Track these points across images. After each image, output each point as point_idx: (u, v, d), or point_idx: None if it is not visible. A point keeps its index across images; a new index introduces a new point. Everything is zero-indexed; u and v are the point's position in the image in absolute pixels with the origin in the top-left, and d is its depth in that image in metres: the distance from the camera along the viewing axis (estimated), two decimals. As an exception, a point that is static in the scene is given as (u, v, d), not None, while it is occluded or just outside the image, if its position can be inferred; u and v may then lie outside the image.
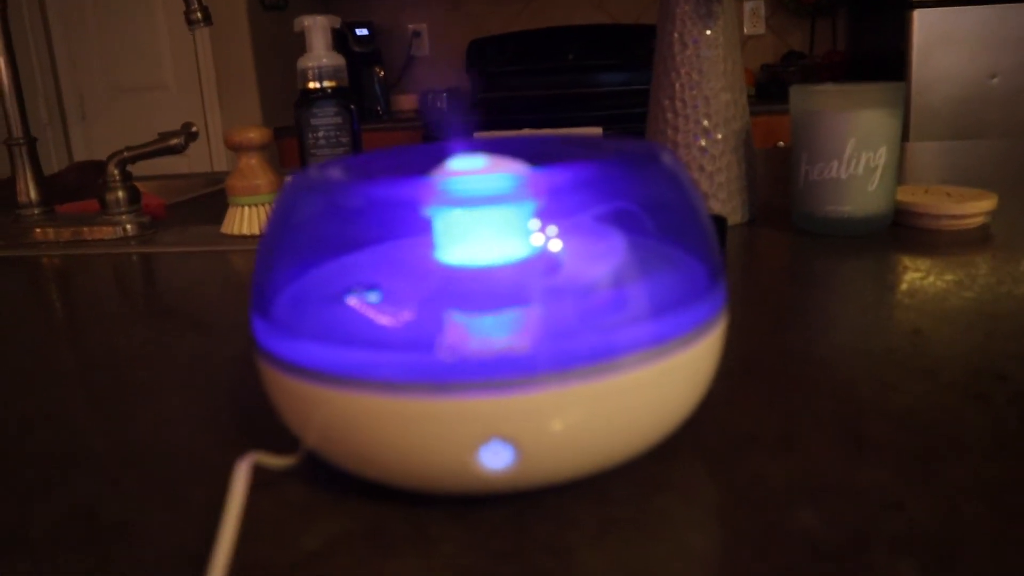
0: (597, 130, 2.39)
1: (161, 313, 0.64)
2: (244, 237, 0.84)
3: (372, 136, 2.58)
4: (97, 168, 1.43)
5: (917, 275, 0.57)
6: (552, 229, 0.28)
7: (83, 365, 0.50)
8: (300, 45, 0.82)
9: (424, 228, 0.30)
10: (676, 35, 0.70)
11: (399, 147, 0.38)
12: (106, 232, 0.90)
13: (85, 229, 0.91)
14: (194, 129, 0.95)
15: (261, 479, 0.33)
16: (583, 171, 0.28)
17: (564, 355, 0.26)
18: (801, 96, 0.68)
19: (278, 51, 2.85)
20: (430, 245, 0.30)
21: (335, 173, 0.32)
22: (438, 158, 0.33)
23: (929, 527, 0.28)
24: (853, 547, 0.27)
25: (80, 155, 2.80)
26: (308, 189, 0.30)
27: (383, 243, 0.30)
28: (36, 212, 0.98)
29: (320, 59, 0.80)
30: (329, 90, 0.80)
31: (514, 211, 0.29)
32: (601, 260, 0.28)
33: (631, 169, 0.30)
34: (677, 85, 0.71)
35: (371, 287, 0.29)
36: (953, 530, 0.27)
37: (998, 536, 0.27)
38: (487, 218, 0.29)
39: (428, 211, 0.29)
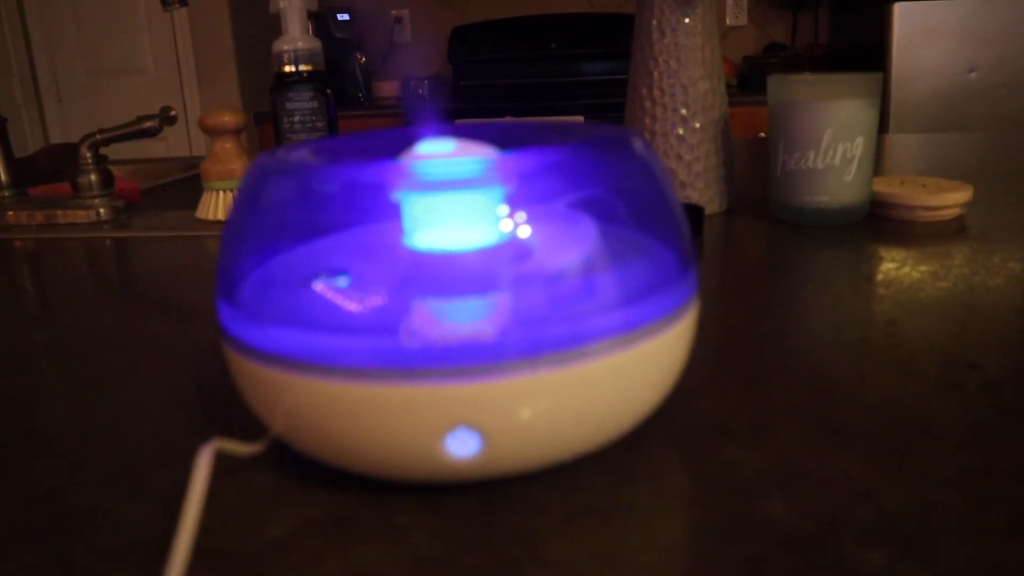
0: (579, 119, 2.38)
1: (133, 298, 0.63)
2: (219, 222, 0.83)
3: (353, 123, 2.56)
4: (71, 151, 1.41)
5: (892, 265, 0.57)
6: (521, 214, 0.28)
7: (52, 349, 0.50)
8: (280, 29, 0.81)
9: (391, 212, 0.29)
10: (654, 23, 0.70)
11: (369, 131, 0.37)
12: (79, 216, 0.89)
13: (58, 212, 0.89)
14: (172, 113, 0.94)
15: (227, 467, 0.33)
16: (552, 156, 0.28)
17: (533, 342, 0.26)
18: (778, 85, 0.68)
19: (259, 35, 2.82)
20: (398, 230, 0.30)
21: (302, 155, 0.31)
22: (408, 142, 0.32)
23: (899, 516, 0.27)
24: (822, 536, 0.27)
25: (56, 137, 2.76)
26: (274, 172, 0.30)
27: (350, 227, 0.29)
28: (7, 194, 0.96)
29: (296, 42, 0.79)
30: (305, 74, 0.79)
31: (482, 196, 0.28)
32: (570, 246, 0.28)
33: (601, 154, 0.29)
34: (655, 73, 0.70)
35: (338, 272, 0.28)
36: (924, 519, 0.27)
37: (969, 525, 0.27)
38: (455, 203, 0.28)
39: (395, 195, 0.28)
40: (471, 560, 0.26)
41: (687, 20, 0.69)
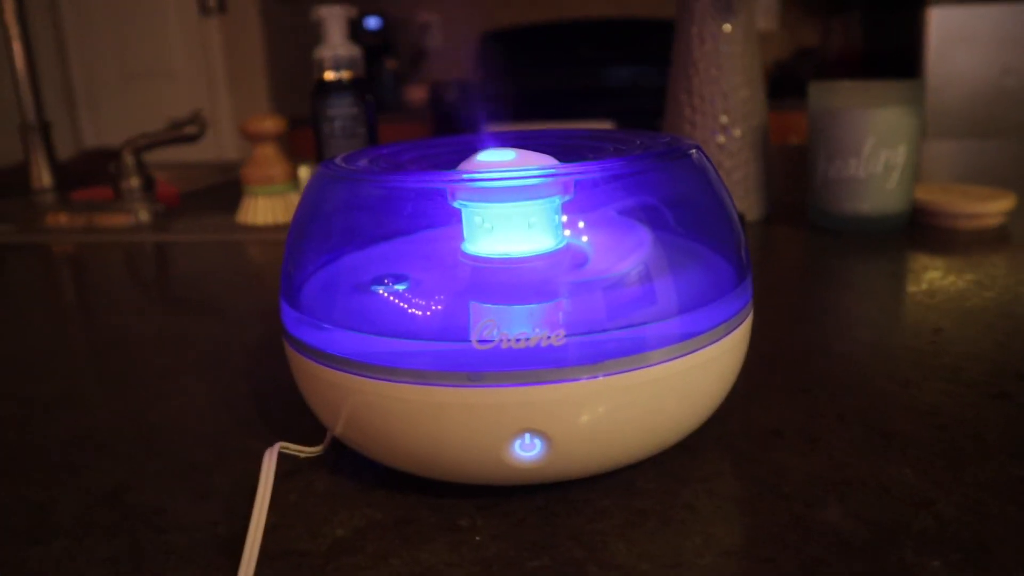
0: (608, 125, 2.39)
1: (177, 301, 0.64)
2: (259, 227, 0.84)
3: (382, 128, 2.57)
4: (106, 156, 1.43)
5: (936, 274, 0.56)
6: (584, 224, 0.28)
7: (101, 350, 0.51)
8: (311, 34, 0.82)
9: (455, 220, 0.30)
10: (695, 30, 0.70)
11: (424, 139, 0.38)
12: (120, 219, 0.91)
13: (99, 216, 0.91)
14: (203, 114, 0.95)
15: (287, 468, 0.33)
16: (614, 166, 0.28)
17: (596, 349, 0.27)
18: (820, 93, 0.68)
19: (289, 39, 2.84)
20: (460, 237, 0.30)
21: (364, 164, 0.32)
22: (465, 150, 0.33)
23: (957, 524, 0.28)
24: (880, 543, 0.27)
25: (89, 142, 2.80)
26: (338, 179, 0.30)
27: (414, 234, 0.30)
28: (50, 198, 0.98)
29: (336, 49, 0.80)
30: (345, 81, 0.80)
31: (546, 205, 0.29)
32: (632, 255, 0.28)
33: (661, 165, 0.30)
34: (695, 81, 0.71)
35: (403, 278, 0.29)
36: (981, 528, 0.27)
37: (1026, 535, 0.27)
38: (519, 212, 0.29)
39: (460, 204, 0.29)
40: (535, 561, 0.27)
41: (727, 28, 0.69)
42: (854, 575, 0.25)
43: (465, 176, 0.27)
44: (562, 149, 0.34)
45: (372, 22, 2.87)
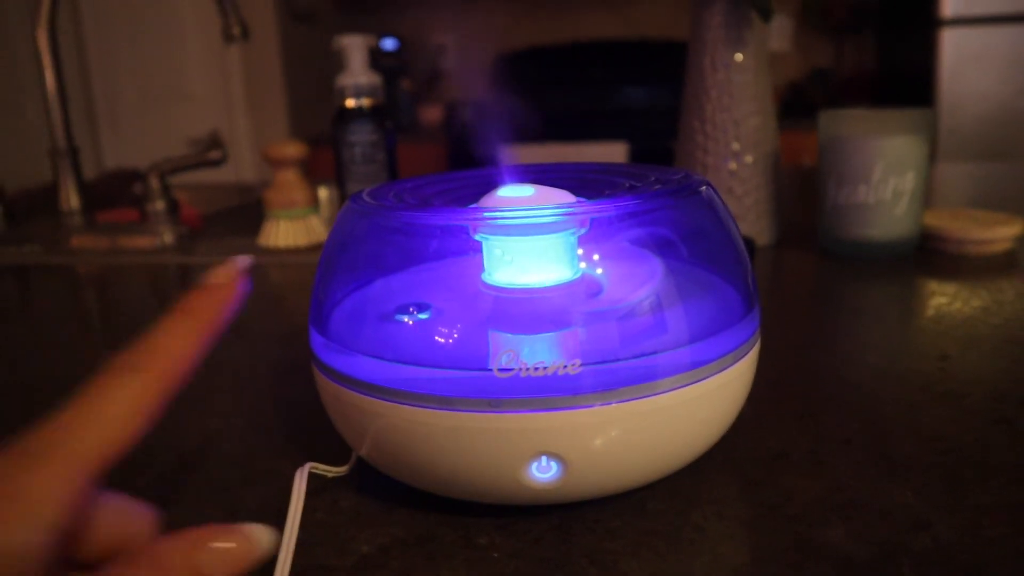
0: (621, 146, 2.41)
1: (204, 323, 0.66)
2: (281, 250, 0.86)
3: (399, 148, 2.60)
4: (128, 177, 1.46)
5: (944, 300, 0.58)
6: (598, 257, 0.30)
7: (134, 373, 0.52)
8: (330, 57, 0.84)
9: (477, 253, 0.31)
10: (707, 59, 0.72)
11: (446, 173, 0.40)
12: (145, 242, 0.93)
13: (125, 238, 0.93)
14: (218, 135, 0.98)
15: (313, 487, 0.35)
16: (629, 204, 0.30)
17: (610, 376, 0.28)
18: (830, 121, 0.69)
19: (307, 63, 2.88)
20: (481, 269, 0.32)
21: (391, 199, 0.34)
22: (485, 184, 0.35)
23: (955, 546, 0.29)
24: (882, 563, 0.28)
25: (110, 163, 2.85)
26: (366, 215, 0.32)
27: (437, 264, 0.32)
28: (77, 220, 1.01)
29: (357, 77, 0.82)
30: (366, 108, 0.82)
31: (563, 240, 0.30)
32: (645, 287, 0.30)
33: (673, 201, 0.31)
34: (708, 108, 0.72)
35: (427, 308, 0.30)
36: (979, 550, 0.29)
37: (1022, 557, 0.28)
38: (539, 246, 0.30)
39: (481, 239, 0.31)
40: (550, 578, 0.28)
41: (739, 57, 0.71)
42: (855, 594, 0.27)
43: (487, 214, 0.29)
44: (579, 183, 0.36)
45: (388, 43, 2.91)
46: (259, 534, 0.23)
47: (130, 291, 0.75)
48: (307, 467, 0.31)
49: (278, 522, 0.31)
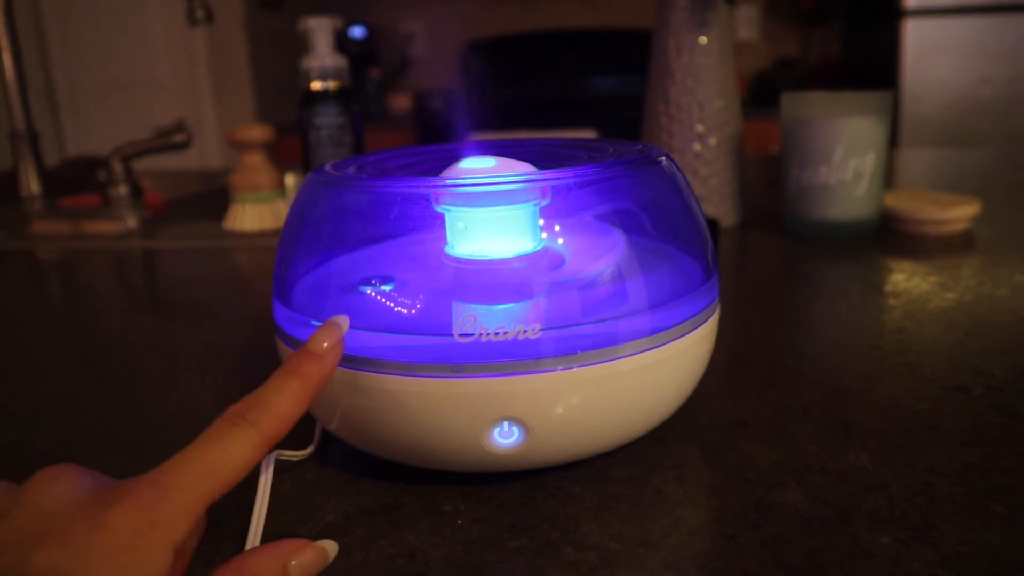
0: (590, 134, 2.41)
1: (167, 305, 0.66)
2: (247, 233, 0.85)
3: (367, 136, 2.59)
4: (90, 164, 1.44)
5: (902, 277, 0.59)
6: (558, 227, 0.30)
7: (96, 353, 0.52)
8: (296, 42, 0.83)
9: (438, 224, 0.32)
10: (671, 42, 0.73)
11: (409, 147, 0.40)
12: (108, 226, 0.92)
13: (88, 223, 0.92)
14: (185, 124, 0.97)
15: (279, 464, 0.35)
16: (588, 173, 0.30)
17: (569, 342, 0.28)
18: (792, 103, 0.70)
19: (273, 48, 2.86)
20: (443, 240, 0.32)
21: (352, 171, 0.34)
22: (449, 158, 0.35)
23: (908, 505, 0.30)
24: (837, 522, 0.29)
25: (73, 149, 2.80)
26: (328, 185, 0.32)
27: (399, 237, 0.32)
28: (38, 205, 0.99)
29: (323, 59, 0.82)
30: (332, 91, 0.81)
31: (524, 209, 0.31)
32: (604, 256, 0.30)
33: (632, 171, 0.32)
34: (672, 91, 0.73)
35: (393, 277, 0.31)
36: (930, 508, 0.29)
37: (971, 513, 0.29)
38: (500, 216, 0.30)
39: (444, 208, 0.31)
40: (513, 542, 0.28)
41: (703, 40, 0.71)
42: (811, 550, 0.27)
43: (448, 182, 0.29)
44: (541, 156, 0.36)
45: (357, 31, 2.89)
46: (329, 548, 0.27)
47: (93, 276, 0.75)
48: (272, 455, 0.31)
49: (245, 498, 0.31)
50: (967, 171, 1.11)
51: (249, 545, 0.28)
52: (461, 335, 0.28)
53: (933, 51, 2.20)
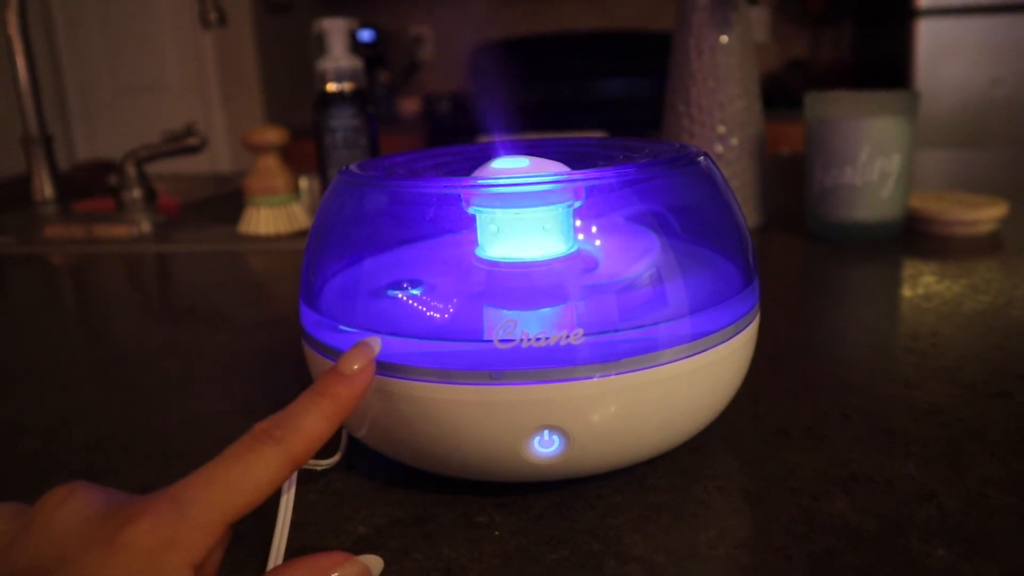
0: (600, 135, 2.40)
1: (183, 310, 0.65)
2: (261, 237, 0.85)
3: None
4: (103, 168, 1.44)
5: (932, 279, 0.58)
6: (597, 229, 0.29)
7: (112, 360, 0.51)
8: (305, 45, 0.82)
9: (472, 226, 0.31)
10: (692, 42, 0.72)
11: (438, 148, 0.39)
12: (122, 230, 0.91)
13: (101, 227, 0.92)
14: (196, 128, 0.96)
15: (305, 473, 0.34)
16: (629, 172, 0.29)
17: (610, 348, 0.27)
18: (816, 103, 0.69)
19: (282, 52, 2.85)
20: (475, 244, 0.31)
21: (381, 172, 0.33)
22: (477, 158, 0.34)
23: (962, 516, 0.29)
24: (888, 534, 0.28)
25: (83, 154, 2.80)
26: (358, 185, 0.31)
27: (433, 239, 0.31)
28: (51, 209, 0.99)
29: (339, 61, 0.81)
30: (347, 92, 0.81)
31: (561, 211, 0.30)
32: (645, 259, 0.29)
33: (672, 171, 0.31)
34: (693, 91, 0.72)
35: (426, 280, 0.30)
36: (985, 520, 0.28)
37: (1027, 526, 0.28)
38: (537, 217, 0.29)
39: (478, 209, 0.30)
40: (554, 555, 0.27)
41: (725, 40, 0.70)
42: (864, 563, 0.26)
43: (487, 181, 0.28)
44: (573, 156, 0.35)
45: (366, 35, 2.89)
46: (373, 564, 0.26)
47: (107, 281, 0.74)
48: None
49: (269, 510, 0.30)
50: (987, 172, 1.10)
51: (272, 560, 0.27)
52: (501, 340, 0.27)
53: (946, 51, 2.18)
